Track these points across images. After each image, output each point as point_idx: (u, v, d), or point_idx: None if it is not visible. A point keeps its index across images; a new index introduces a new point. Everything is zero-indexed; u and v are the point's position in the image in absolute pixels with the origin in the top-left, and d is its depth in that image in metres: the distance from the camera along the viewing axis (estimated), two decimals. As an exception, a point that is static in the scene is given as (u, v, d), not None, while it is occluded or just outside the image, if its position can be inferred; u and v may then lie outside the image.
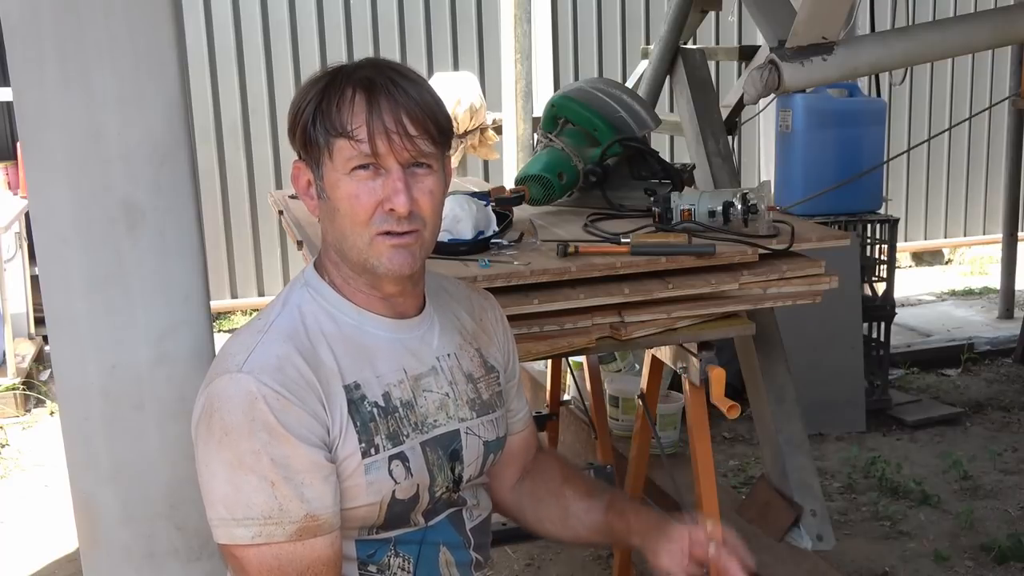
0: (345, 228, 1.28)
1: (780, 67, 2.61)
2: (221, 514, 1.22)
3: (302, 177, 1.33)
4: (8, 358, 4.77)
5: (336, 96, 1.25)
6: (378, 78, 1.26)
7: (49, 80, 1.49)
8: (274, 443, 1.20)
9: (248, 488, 1.20)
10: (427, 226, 1.29)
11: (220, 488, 1.21)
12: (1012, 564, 3.15)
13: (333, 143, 1.25)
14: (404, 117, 1.24)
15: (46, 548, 3.43)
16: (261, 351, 1.25)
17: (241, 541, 1.21)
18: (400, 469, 1.29)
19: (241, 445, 1.20)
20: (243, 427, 1.20)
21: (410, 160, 1.26)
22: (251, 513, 1.20)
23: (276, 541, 1.21)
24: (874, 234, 4.36)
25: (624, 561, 2.79)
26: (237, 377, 1.23)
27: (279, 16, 5.93)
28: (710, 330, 2.10)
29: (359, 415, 1.27)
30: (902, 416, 4.31)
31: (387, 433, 1.29)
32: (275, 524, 1.20)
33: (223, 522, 1.22)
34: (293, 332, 1.29)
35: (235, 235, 6.09)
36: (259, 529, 1.20)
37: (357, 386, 1.29)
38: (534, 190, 2.45)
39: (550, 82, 5.14)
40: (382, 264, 1.28)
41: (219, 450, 1.21)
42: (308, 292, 1.34)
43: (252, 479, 1.20)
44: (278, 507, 1.20)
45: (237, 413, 1.21)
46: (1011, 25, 2.84)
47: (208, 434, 1.23)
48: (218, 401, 1.23)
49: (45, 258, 1.58)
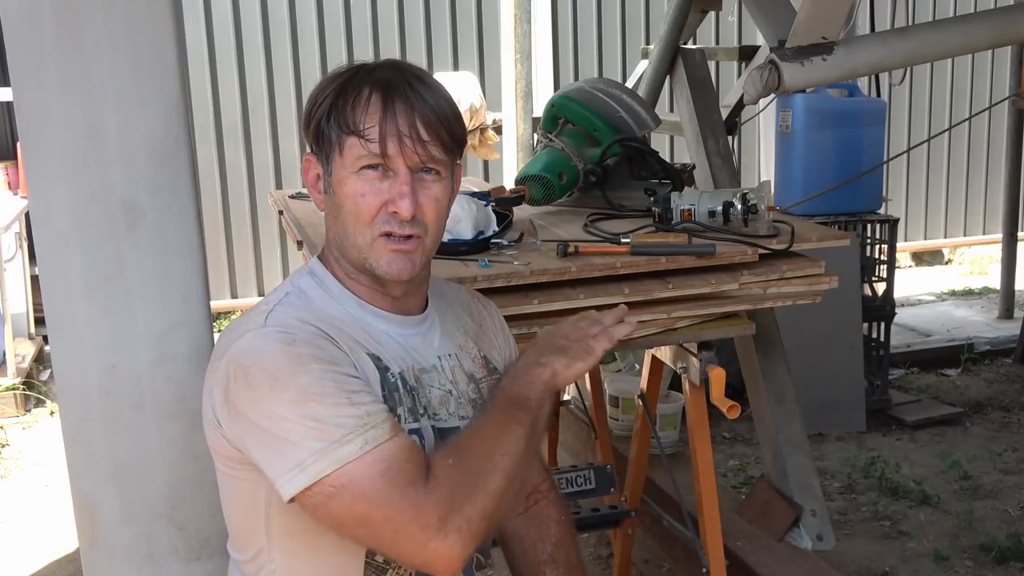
0: (348, 226, 1.29)
1: (780, 67, 2.62)
2: (315, 447, 1.15)
3: (312, 170, 1.34)
4: (8, 358, 4.77)
5: (353, 94, 1.26)
6: (396, 80, 1.26)
7: (49, 80, 1.49)
8: (328, 368, 1.19)
9: (330, 411, 1.16)
10: (429, 233, 1.30)
11: (298, 429, 1.16)
12: (1012, 564, 3.15)
13: (344, 140, 1.26)
14: (418, 121, 1.25)
15: (46, 548, 3.43)
16: (279, 313, 1.26)
17: (352, 456, 1.15)
18: (418, 443, 1.28)
19: (299, 380, 1.17)
20: (292, 365, 1.18)
21: (419, 165, 1.26)
22: (347, 428, 1.16)
23: (383, 440, 1.17)
24: (874, 234, 4.36)
25: (624, 561, 2.79)
26: (262, 331, 1.22)
27: (279, 16, 5.93)
28: (710, 330, 2.09)
29: (386, 384, 1.27)
30: (902, 416, 4.31)
31: (408, 406, 1.29)
32: (373, 428, 1.17)
33: (320, 453, 1.15)
34: (303, 308, 1.29)
35: (235, 235, 6.09)
36: (363, 438, 1.16)
37: (379, 358, 1.29)
38: (534, 190, 2.45)
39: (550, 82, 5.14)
40: (380, 267, 1.29)
41: (276, 397, 1.17)
42: (313, 280, 1.35)
43: (328, 402, 1.17)
44: (365, 412, 1.17)
45: (279, 357, 1.19)
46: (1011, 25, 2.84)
47: (253, 390, 1.19)
48: (250, 357, 1.20)
49: (45, 258, 1.58)
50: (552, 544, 1.56)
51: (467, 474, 1.18)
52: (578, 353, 1.29)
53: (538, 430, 1.26)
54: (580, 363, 1.29)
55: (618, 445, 3.21)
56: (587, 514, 2.65)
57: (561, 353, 1.29)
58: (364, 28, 6.10)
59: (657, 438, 2.72)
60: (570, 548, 1.58)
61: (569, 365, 1.28)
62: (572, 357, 1.29)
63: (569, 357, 1.29)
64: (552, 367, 1.27)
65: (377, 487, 1.15)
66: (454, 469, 1.18)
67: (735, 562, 2.71)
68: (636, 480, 2.67)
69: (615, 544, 2.84)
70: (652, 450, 2.73)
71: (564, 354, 1.29)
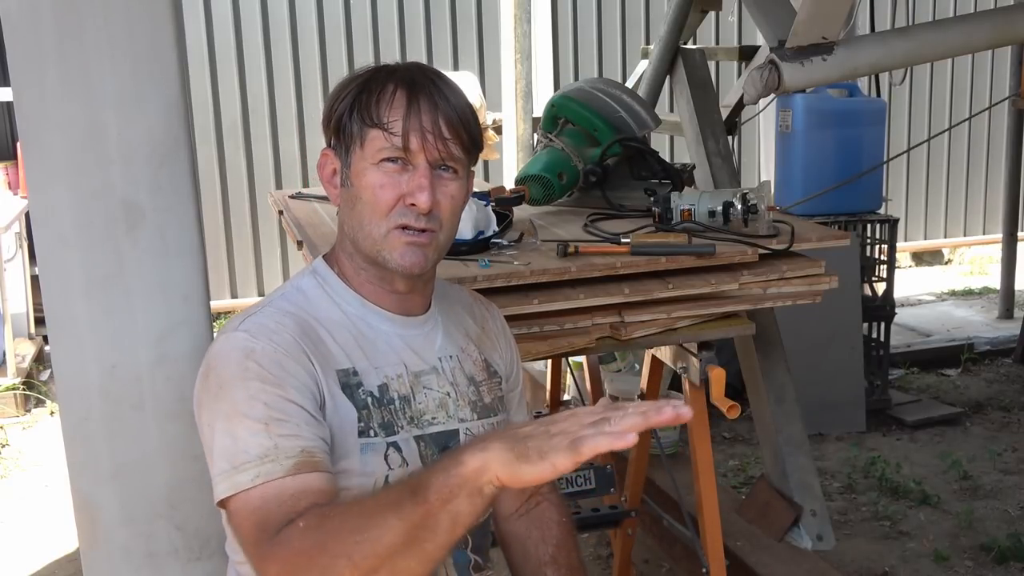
0: (364, 217, 1.30)
1: (780, 67, 2.62)
2: (222, 467, 1.19)
3: (328, 165, 1.36)
4: (8, 358, 4.77)
5: (377, 89, 1.29)
6: (420, 79, 1.30)
7: (49, 80, 1.49)
8: (267, 388, 1.20)
9: (244, 434, 1.18)
10: (443, 229, 1.32)
11: (220, 441, 1.20)
12: (1012, 564, 3.15)
13: (367, 132, 1.29)
14: (440, 119, 1.28)
15: (46, 548, 3.43)
16: (260, 316, 1.28)
17: (243, 486, 1.17)
18: (396, 456, 1.30)
19: (235, 395, 1.20)
20: (237, 377, 1.21)
21: (439, 161, 1.29)
22: (249, 457, 1.17)
23: (275, 478, 1.17)
24: (874, 234, 4.36)
25: (624, 561, 2.79)
26: (232, 335, 1.25)
27: (279, 16, 5.93)
28: (710, 330, 2.10)
29: (354, 400, 1.28)
30: (902, 416, 4.31)
31: (380, 423, 1.30)
32: (272, 461, 1.17)
33: (225, 474, 1.18)
34: (296, 310, 1.31)
35: (235, 235, 6.09)
36: (257, 470, 1.17)
37: (355, 372, 1.30)
38: (534, 190, 2.45)
39: (550, 82, 5.14)
40: (393, 259, 1.30)
41: (216, 404, 1.22)
42: (315, 279, 1.37)
43: (248, 423, 1.19)
44: (273, 446, 1.18)
45: (231, 365, 1.22)
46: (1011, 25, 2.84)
47: (206, 393, 1.24)
48: (214, 360, 1.25)
49: (45, 258, 1.58)
50: (553, 545, 1.56)
51: (313, 545, 1.07)
52: (529, 454, 0.98)
53: (437, 530, 1.02)
54: (527, 467, 0.97)
55: (618, 445, 3.21)
56: (587, 514, 2.65)
57: (512, 446, 0.99)
58: (364, 28, 6.10)
59: (657, 438, 2.72)
60: (571, 549, 1.58)
61: (510, 464, 0.98)
62: (519, 456, 0.98)
63: (516, 454, 0.98)
64: (487, 460, 0.99)
65: (247, 523, 1.17)
66: (303, 535, 1.09)
67: (735, 562, 2.71)
68: (636, 480, 2.67)
69: (615, 544, 2.84)
70: (652, 450, 2.73)
71: (513, 449, 0.99)
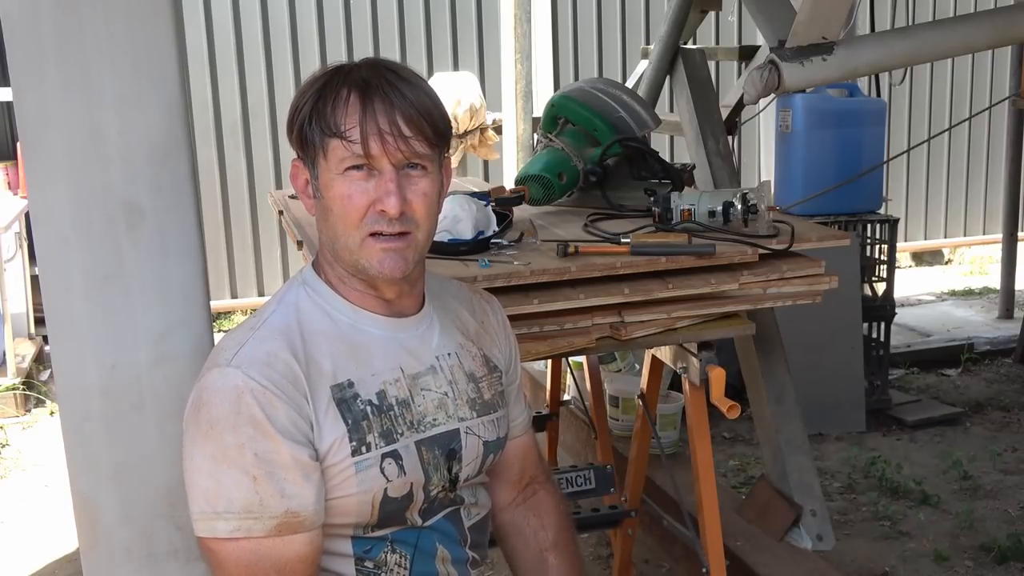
0: (338, 228, 1.29)
1: (780, 67, 2.62)
2: (202, 507, 1.22)
3: (300, 176, 1.34)
4: (8, 358, 4.77)
5: (332, 96, 1.26)
6: (374, 79, 1.26)
7: (49, 80, 1.49)
8: (258, 438, 1.20)
9: (229, 482, 1.20)
10: (420, 228, 1.30)
11: (203, 482, 1.22)
12: (1012, 564, 3.15)
13: (327, 143, 1.26)
14: (399, 118, 1.24)
15: (46, 548, 3.43)
16: (251, 346, 1.26)
17: (220, 535, 1.21)
18: (393, 467, 1.29)
19: (225, 439, 1.20)
20: (228, 420, 1.21)
21: (403, 161, 1.26)
22: (231, 507, 1.20)
23: (254, 536, 1.21)
24: (874, 234, 4.36)
25: (624, 561, 2.79)
26: (225, 371, 1.24)
27: (279, 16, 5.93)
28: (710, 330, 2.09)
29: (351, 413, 1.28)
30: (902, 416, 4.31)
31: (380, 431, 1.29)
32: (254, 519, 1.20)
33: (204, 515, 1.22)
34: (286, 329, 1.29)
35: (235, 235, 6.09)
36: (238, 523, 1.20)
37: (350, 384, 1.29)
38: (534, 190, 2.45)
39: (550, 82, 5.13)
40: (372, 266, 1.29)
41: (204, 443, 1.22)
42: (305, 290, 1.35)
43: (234, 472, 1.20)
44: (258, 502, 1.20)
45: (223, 406, 1.22)
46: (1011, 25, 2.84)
47: (195, 427, 1.24)
48: (206, 395, 1.24)
49: (45, 258, 1.58)
50: (553, 530, 1.57)
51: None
52: None
53: None
54: None
55: (618, 445, 3.21)
56: (587, 514, 2.65)
57: None
58: (364, 28, 6.10)
59: (657, 438, 2.72)
60: (570, 532, 1.59)
61: None
62: None
63: None
64: None
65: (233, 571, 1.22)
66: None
67: (735, 562, 2.71)
68: (636, 480, 2.67)
69: (615, 544, 2.84)
70: (652, 450, 2.73)
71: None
